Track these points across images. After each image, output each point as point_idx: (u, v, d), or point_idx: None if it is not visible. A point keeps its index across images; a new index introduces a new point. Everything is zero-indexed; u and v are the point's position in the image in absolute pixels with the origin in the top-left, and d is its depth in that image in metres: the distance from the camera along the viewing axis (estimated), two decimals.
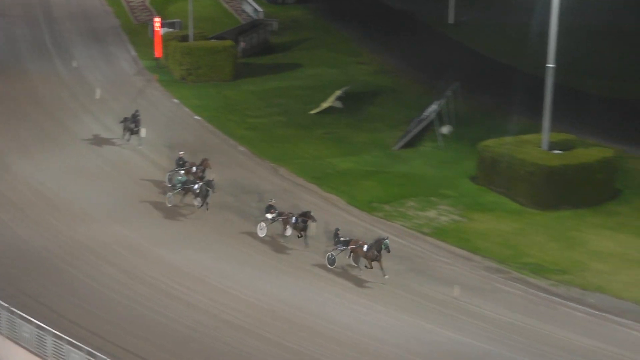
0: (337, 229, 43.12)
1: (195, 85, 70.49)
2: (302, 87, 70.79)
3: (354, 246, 41.87)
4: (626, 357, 36.19)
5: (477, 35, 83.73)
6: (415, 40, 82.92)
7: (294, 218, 44.59)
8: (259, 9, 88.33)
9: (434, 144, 58.68)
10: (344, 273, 42.35)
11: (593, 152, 51.28)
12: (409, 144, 58.19)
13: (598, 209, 49.74)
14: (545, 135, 50.74)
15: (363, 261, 41.96)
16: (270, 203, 45.57)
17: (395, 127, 61.38)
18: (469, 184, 53.05)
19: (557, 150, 50.67)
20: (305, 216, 44.25)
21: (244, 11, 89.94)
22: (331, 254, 42.34)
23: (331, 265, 42.27)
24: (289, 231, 45.09)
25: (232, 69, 71.89)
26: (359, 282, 41.64)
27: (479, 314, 38.72)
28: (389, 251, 40.79)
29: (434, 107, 59.31)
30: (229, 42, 73.68)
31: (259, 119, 64.55)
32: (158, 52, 73.99)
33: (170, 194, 48.11)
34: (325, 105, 64.32)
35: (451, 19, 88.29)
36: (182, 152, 50.07)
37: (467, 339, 36.94)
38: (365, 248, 41.28)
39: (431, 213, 49.49)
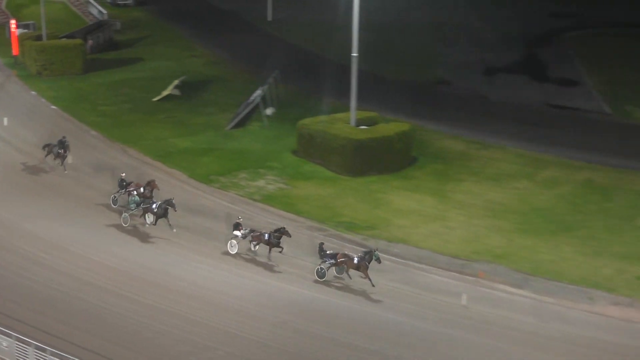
0: (322, 243, 39.59)
1: (50, 79, 69.43)
2: (144, 78, 70.45)
3: (343, 259, 38.65)
4: (422, 295, 38.00)
5: (293, 30, 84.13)
6: (240, 36, 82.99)
7: (266, 235, 40.55)
8: (104, 11, 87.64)
9: (260, 124, 59.43)
10: (191, 238, 42.83)
11: (392, 126, 52.92)
12: (239, 125, 58.76)
13: (398, 174, 51.27)
14: (353, 114, 52.18)
15: (343, 271, 39.16)
16: (238, 221, 41.45)
17: (227, 110, 61.81)
18: (291, 157, 53.92)
19: (363, 125, 52.12)
20: (280, 232, 40.30)
21: (90, 13, 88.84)
22: (320, 267, 38.99)
23: (321, 279, 38.97)
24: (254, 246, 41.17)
25: (82, 64, 71.54)
26: (204, 246, 42.31)
27: (305, 266, 39.89)
28: (379, 262, 38.14)
29: (258, 92, 60.14)
30: (78, 41, 73.37)
31: (108, 107, 64.21)
32: (15, 50, 73.23)
33: (126, 214, 43.76)
34: (165, 93, 64.60)
35: (270, 16, 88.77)
36: (123, 174, 45.55)
37: (297, 288, 38.44)
38: (355, 260, 38.28)
39: (260, 183, 50.37)
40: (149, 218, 43.04)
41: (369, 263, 37.84)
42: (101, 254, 40.24)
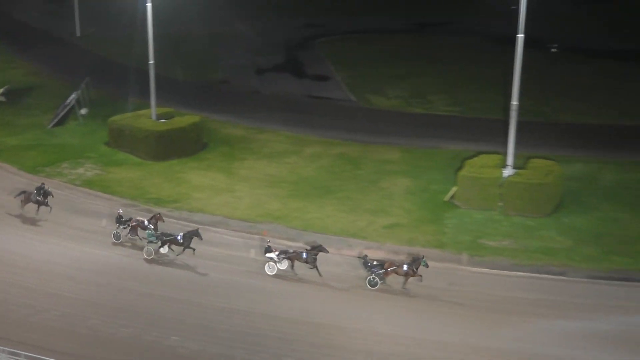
0: (365, 256, 36.56)
1: None
2: None
3: (392, 268, 35.66)
4: (220, 252, 38.96)
5: (100, 43, 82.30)
6: (54, 50, 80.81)
7: (304, 254, 36.63)
8: None
9: (77, 122, 58.35)
10: (25, 218, 42.22)
11: (186, 119, 53.14)
12: (59, 123, 57.51)
13: (194, 157, 51.72)
14: (153, 110, 52.43)
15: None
16: (268, 244, 37.10)
17: (47, 112, 60.12)
18: (104, 148, 53.31)
19: (162, 119, 52.31)
20: (317, 250, 36.56)
21: None
22: (373, 278, 35.60)
23: (374, 287, 35.59)
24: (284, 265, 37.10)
25: None
26: (32, 221, 41.99)
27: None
28: (427, 267, 35.32)
29: (73, 96, 58.82)
30: None
31: None
32: None
33: (149, 248, 38.20)
34: None
35: (78, 32, 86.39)
36: (120, 210, 40.62)
37: (110, 252, 38.94)
38: (405, 267, 35.47)
39: (80, 170, 49.80)
40: (164, 249, 38.26)
41: (416, 269, 35.42)
42: None
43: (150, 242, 38.15)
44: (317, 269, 36.34)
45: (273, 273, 36.92)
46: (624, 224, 42.45)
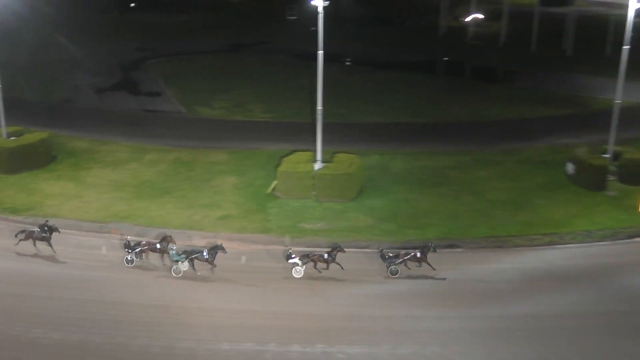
0: (382, 249, 36.82)
1: None
2: None
3: (408, 257, 35.98)
4: (75, 251, 38.02)
5: None
6: None
7: (325, 254, 35.99)
8: None
9: None
10: None
11: (35, 135, 50.60)
12: None
13: (45, 168, 49.50)
14: (3, 129, 49.51)
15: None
16: (289, 251, 36.37)
17: None
18: None
19: (12, 137, 49.79)
20: (336, 249, 35.90)
21: None
22: (394, 268, 35.87)
23: (395, 275, 35.91)
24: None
25: None
26: None
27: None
28: (435, 252, 36.02)
29: None
30: None
31: None
32: None
33: (176, 267, 35.79)
34: None
35: None
36: (128, 237, 37.83)
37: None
38: (418, 255, 35.94)
39: None
40: (183, 266, 35.93)
41: (426, 254, 35.92)
42: None
43: (176, 261, 35.85)
44: (340, 265, 35.86)
45: (301, 275, 35.91)
46: (413, 203, 44.55)
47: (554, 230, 41.07)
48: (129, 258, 36.67)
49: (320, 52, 43.72)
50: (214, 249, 35.71)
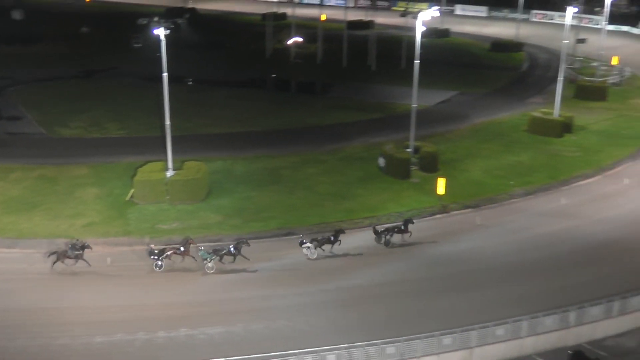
0: (375, 225, 39.06)
1: None
2: None
3: (394, 229, 38.27)
4: None
5: None
6: None
7: (331, 237, 36.89)
8: None
9: None
10: None
11: None
12: None
13: None
14: None
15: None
16: (301, 238, 36.98)
17: None
18: None
19: None
20: (339, 232, 37.10)
21: None
22: (387, 239, 38.11)
23: (388, 246, 38.18)
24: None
25: None
26: None
27: None
28: (413, 223, 38.22)
29: None
30: None
31: None
32: None
33: (208, 264, 34.72)
34: None
35: None
36: (152, 245, 36.08)
37: None
38: (402, 227, 37.86)
39: None
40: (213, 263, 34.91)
41: (406, 227, 38.01)
42: None
43: (205, 259, 34.72)
44: (335, 245, 36.99)
45: (315, 256, 36.56)
46: (255, 200, 44.70)
47: (372, 214, 42.60)
48: (159, 264, 34.97)
49: (165, 74, 43.01)
50: (239, 244, 35.26)
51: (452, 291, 34.26)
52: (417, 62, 48.05)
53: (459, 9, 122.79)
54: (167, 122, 44.04)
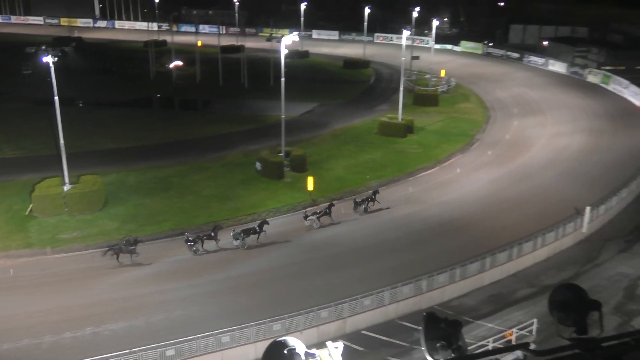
0: (355, 198, 41.19)
1: None
2: None
3: (370, 200, 40.76)
4: None
5: None
6: None
7: (327, 209, 39.45)
8: None
9: None
10: None
11: None
12: None
13: None
14: None
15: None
16: (306, 213, 39.96)
17: None
18: None
19: None
20: (330, 206, 39.61)
21: None
22: (365, 208, 41.09)
23: (366, 213, 40.57)
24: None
25: None
26: None
27: None
28: (378, 192, 41.34)
29: None
30: None
31: None
32: None
33: (239, 242, 36.15)
34: None
35: None
36: (187, 233, 35.86)
37: None
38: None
39: None
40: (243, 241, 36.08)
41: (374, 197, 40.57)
42: None
43: (237, 238, 36.08)
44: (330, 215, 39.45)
45: (318, 226, 39.00)
46: (148, 206, 42.91)
47: (254, 211, 42.17)
48: (195, 249, 35.17)
49: (56, 97, 40.23)
50: (262, 224, 36.58)
51: (326, 271, 34.58)
52: (283, 79, 48.16)
53: (315, 34, 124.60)
54: (61, 140, 41.33)
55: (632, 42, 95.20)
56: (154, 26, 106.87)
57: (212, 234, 35.96)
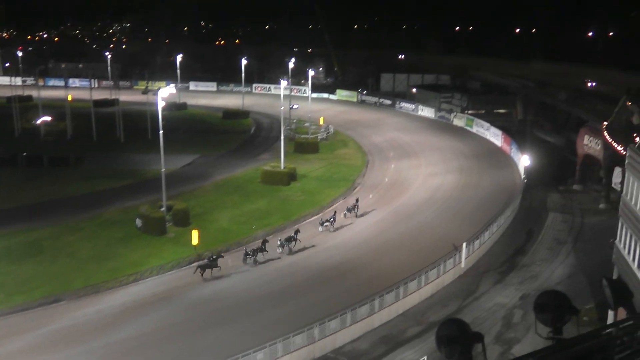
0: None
1: None
2: None
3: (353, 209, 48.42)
4: None
5: None
6: None
7: (338, 215, 46.83)
8: None
9: None
10: None
11: None
12: None
13: None
14: None
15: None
16: (323, 219, 47.05)
17: None
18: None
19: None
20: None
21: None
22: (352, 211, 49.29)
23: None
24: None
25: None
26: None
27: None
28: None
29: None
30: None
31: None
32: None
33: (282, 247, 42.55)
34: None
35: None
36: (246, 247, 41.55)
37: None
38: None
39: None
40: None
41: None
42: None
43: (283, 245, 42.23)
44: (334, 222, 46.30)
45: (334, 230, 45.64)
46: (16, 273, 39.59)
47: (136, 270, 40.13)
48: (255, 259, 40.46)
49: None
50: (296, 232, 42.89)
51: (215, 326, 33.37)
52: (161, 132, 47.06)
53: (192, 85, 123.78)
54: None
55: (487, 88, 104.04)
56: (18, 81, 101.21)
57: (263, 247, 40.56)
